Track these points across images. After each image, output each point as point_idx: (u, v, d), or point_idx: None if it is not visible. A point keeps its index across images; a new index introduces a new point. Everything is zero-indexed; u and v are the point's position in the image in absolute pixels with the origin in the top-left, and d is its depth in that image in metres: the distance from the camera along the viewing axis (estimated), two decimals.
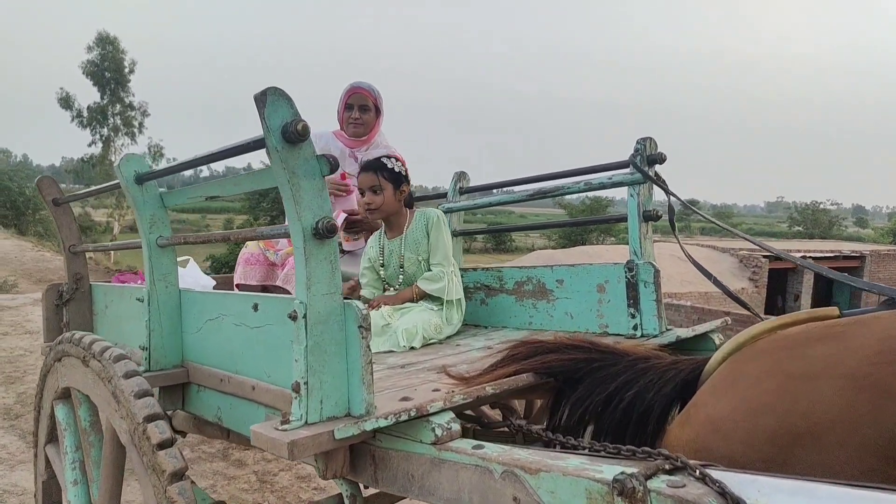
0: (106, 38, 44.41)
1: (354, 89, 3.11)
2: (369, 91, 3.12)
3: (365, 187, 2.60)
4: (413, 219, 2.68)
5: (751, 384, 1.18)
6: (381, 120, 3.20)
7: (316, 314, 1.42)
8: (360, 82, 3.13)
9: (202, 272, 3.14)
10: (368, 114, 3.12)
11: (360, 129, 3.12)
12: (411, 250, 2.61)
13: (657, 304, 2.24)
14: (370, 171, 2.60)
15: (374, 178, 2.59)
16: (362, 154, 3.17)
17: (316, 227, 1.41)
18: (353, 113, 3.09)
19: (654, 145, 2.35)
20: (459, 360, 2.06)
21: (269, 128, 1.37)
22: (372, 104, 3.13)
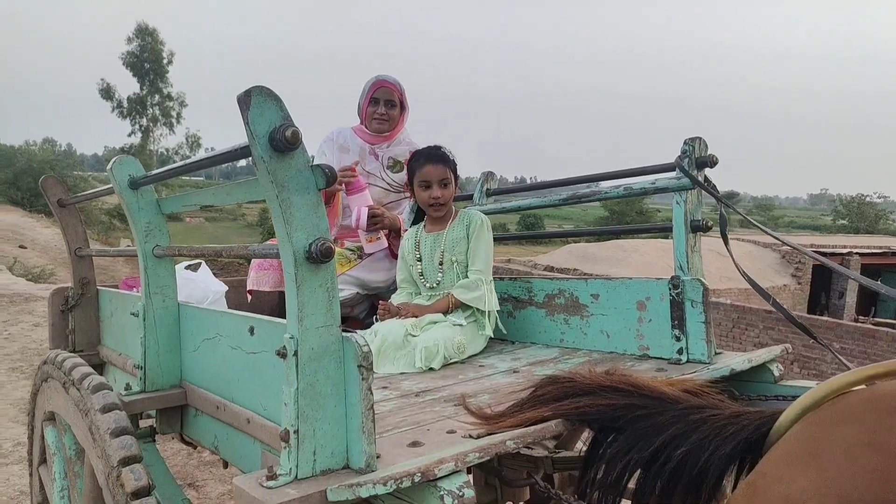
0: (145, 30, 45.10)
1: (380, 83, 2.90)
2: (395, 85, 2.91)
3: (434, 180, 2.41)
4: (456, 217, 2.48)
5: (840, 459, 0.94)
6: (405, 116, 2.99)
7: (309, 350, 1.22)
8: (385, 75, 2.92)
9: (214, 277, 2.98)
10: (394, 109, 2.92)
11: (385, 125, 2.91)
12: (448, 249, 2.42)
13: (706, 326, 1.99)
14: (440, 162, 2.42)
15: (445, 171, 2.42)
16: (383, 151, 2.96)
17: (309, 250, 1.20)
18: (379, 108, 2.89)
19: (703, 146, 2.09)
20: (481, 389, 1.85)
21: (254, 134, 1.16)
22: (398, 99, 2.92)
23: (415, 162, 2.46)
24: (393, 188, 2.94)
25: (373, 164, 2.94)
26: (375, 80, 2.90)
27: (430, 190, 2.42)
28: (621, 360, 2.12)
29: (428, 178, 2.42)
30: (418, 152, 2.49)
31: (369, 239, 2.80)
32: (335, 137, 2.99)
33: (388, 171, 2.93)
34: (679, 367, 1.97)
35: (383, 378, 2.04)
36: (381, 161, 2.93)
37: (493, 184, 2.90)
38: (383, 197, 2.93)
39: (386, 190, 2.93)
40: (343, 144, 2.97)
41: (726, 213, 2.13)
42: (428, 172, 2.42)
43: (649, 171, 2.23)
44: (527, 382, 1.89)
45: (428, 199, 2.42)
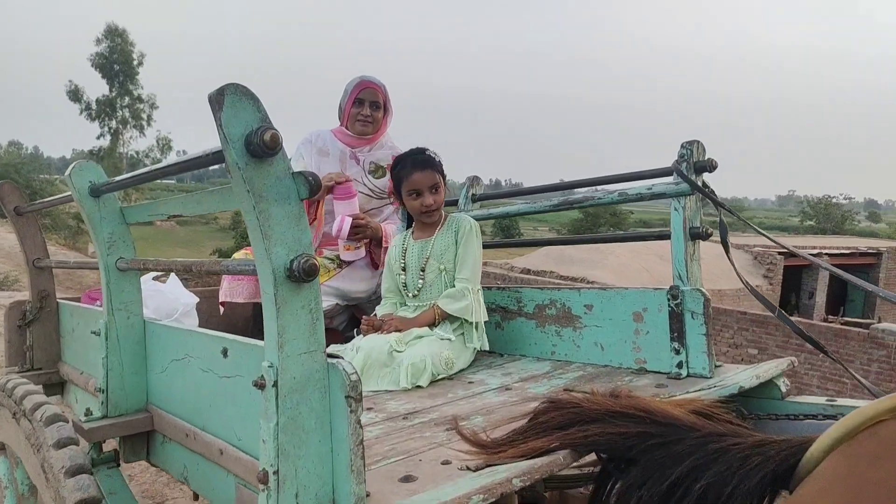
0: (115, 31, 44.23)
1: (365, 83, 2.76)
2: (380, 87, 2.78)
3: (425, 187, 2.29)
4: (445, 222, 2.36)
5: (884, 500, 0.84)
6: (389, 119, 2.86)
7: (290, 381, 1.09)
8: (369, 76, 2.78)
9: (185, 288, 2.82)
10: (379, 111, 2.79)
11: (369, 127, 2.78)
12: (436, 257, 2.30)
13: (707, 338, 1.89)
14: (428, 168, 2.30)
15: (433, 176, 2.30)
16: (365, 155, 2.83)
17: (291, 268, 1.07)
18: (364, 109, 2.75)
19: (702, 150, 2.01)
20: (473, 409, 1.73)
21: (228, 138, 1.03)
22: (382, 101, 2.79)
23: (400, 169, 2.33)
24: (375, 194, 2.81)
25: (354, 169, 2.80)
26: (360, 80, 2.77)
27: (421, 198, 2.29)
28: (617, 375, 2.02)
29: (417, 186, 2.29)
30: (402, 158, 2.36)
31: (347, 247, 2.67)
32: (314, 140, 2.85)
33: (370, 177, 2.80)
34: (679, 381, 1.88)
35: (367, 397, 1.91)
36: (363, 166, 2.80)
37: (479, 189, 2.79)
38: (365, 203, 2.80)
39: (368, 196, 2.80)
40: (322, 148, 2.83)
41: (727, 219, 2.04)
42: (417, 181, 2.29)
43: (645, 176, 2.14)
44: (521, 400, 1.79)
45: (420, 207, 2.30)
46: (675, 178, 2.00)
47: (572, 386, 1.90)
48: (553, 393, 1.85)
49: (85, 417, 1.79)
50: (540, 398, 1.80)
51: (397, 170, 2.35)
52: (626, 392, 1.41)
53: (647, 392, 1.79)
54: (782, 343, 12.26)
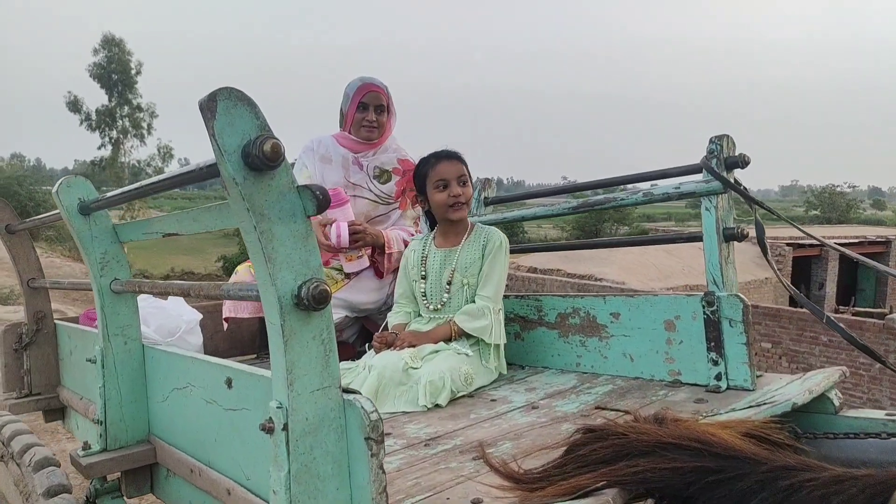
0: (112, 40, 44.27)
1: (368, 86, 2.62)
2: (383, 89, 2.64)
3: (452, 178, 2.15)
4: (472, 232, 2.22)
5: None
6: (393, 120, 2.73)
7: (302, 422, 0.96)
8: (371, 78, 2.64)
9: (187, 304, 2.70)
10: (384, 115, 2.65)
11: (374, 132, 2.64)
12: (460, 270, 2.16)
13: (747, 348, 1.76)
14: (454, 159, 2.18)
15: (461, 167, 2.17)
16: (369, 160, 2.70)
17: (299, 295, 0.95)
18: (369, 114, 2.61)
19: (731, 144, 1.87)
20: (499, 433, 1.59)
21: (223, 149, 0.90)
22: (386, 103, 2.66)
23: (424, 165, 2.20)
24: (381, 199, 2.68)
25: (358, 175, 2.67)
26: (361, 83, 2.63)
27: (448, 189, 2.14)
28: (650, 388, 1.89)
29: (444, 175, 2.15)
30: (426, 156, 2.23)
31: (349, 257, 2.53)
32: (315, 147, 2.72)
33: (375, 182, 2.67)
34: (720, 395, 1.74)
35: (385, 420, 1.78)
36: (367, 171, 2.67)
37: (491, 191, 2.65)
38: (371, 210, 2.67)
39: (373, 202, 2.67)
40: (324, 155, 2.70)
41: (761, 218, 1.91)
42: (443, 170, 2.15)
43: (671, 174, 2.00)
44: (550, 421, 1.65)
45: (447, 199, 2.14)
46: (704, 176, 1.87)
47: (604, 402, 1.77)
48: (584, 410, 1.72)
49: (83, 451, 1.67)
50: (570, 417, 1.68)
51: (421, 168, 2.21)
52: (671, 416, 1.28)
53: (686, 408, 1.66)
54: (796, 336, 12.10)
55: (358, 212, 2.66)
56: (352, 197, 2.66)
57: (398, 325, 2.25)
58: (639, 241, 2.44)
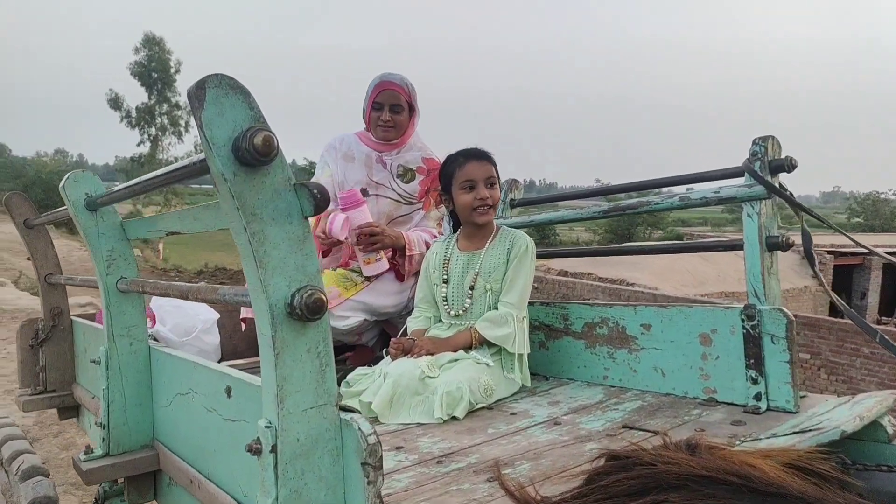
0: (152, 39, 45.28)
1: (384, 84, 2.54)
2: (402, 86, 2.54)
3: (480, 179, 2.05)
4: (497, 235, 2.11)
5: None
6: (415, 119, 2.63)
7: (293, 444, 0.88)
8: (390, 75, 2.55)
9: (205, 303, 2.65)
10: (401, 114, 2.54)
11: (392, 132, 2.54)
12: (484, 275, 2.05)
13: (791, 366, 1.62)
14: (484, 159, 2.07)
15: (490, 168, 2.07)
16: (392, 158, 2.61)
17: (292, 303, 0.86)
18: (383, 114, 2.52)
19: (777, 146, 1.74)
20: (517, 451, 1.49)
21: (211, 142, 0.82)
22: (405, 102, 2.55)
23: (451, 163, 2.10)
24: (404, 199, 2.59)
25: (381, 174, 2.59)
26: (379, 80, 2.54)
27: (475, 191, 2.04)
28: (683, 406, 1.76)
29: (472, 176, 2.04)
30: (453, 155, 2.13)
31: (367, 260, 2.41)
32: (338, 145, 2.64)
33: (399, 181, 2.59)
34: (759, 417, 1.61)
35: (397, 432, 1.69)
36: (390, 170, 2.58)
37: (518, 193, 2.54)
38: (393, 209, 2.58)
39: (396, 202, 2.58)
40: (347, 153, 2.62)
41: (808, 226, 1.77)
42: (471, 170, 2.04)
43: (710, 178, 1.87)
44: (573, 440, 1.54)
45: (473, 201, 2.04)
46: (746, 180, 1.74)
47: (632, 421, 1.65)
48: (610, 429, 1.60)
49: (84, 455, 1.61)
50: (594, 436, 1.56)
51: (448, 165, 2.11)
52: (706, 443, 1.16)
53: (722, 430, 1.53)
54: (836, 348, 11.69)
55: (380, 211, 2.57)
56: (374, 196, 2.58)
57: (417, 330, 2.16)
58: (673, 248, 2.31)
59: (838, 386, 11.63)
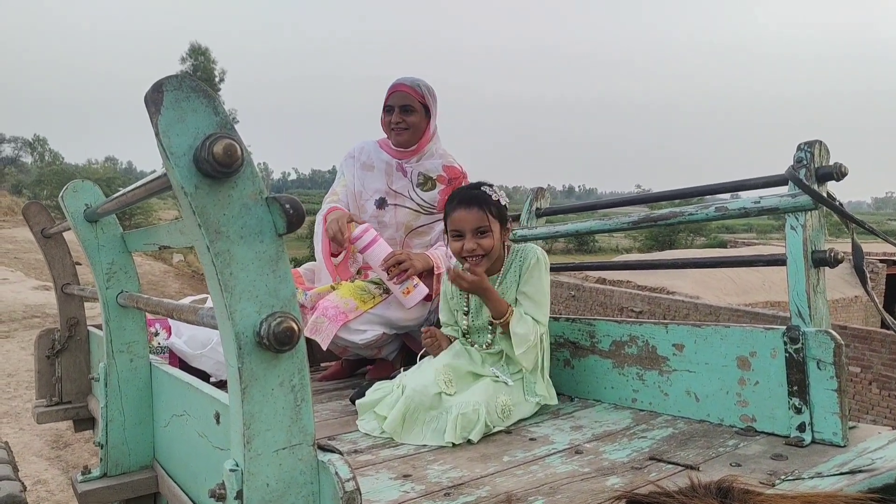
0: (198, 49, 46.48)
1: (395, 87, 2.46)
2: (413, 88, 2.45)
3: (468, 228, 1.89)
4: (510, 257, 1.98)
5: None
6: (432, 123, 2.53)
7: (262, 489, 0.78)
8: (403, 78, 2.47)
9: None
10: (413, 115, 2.45)
11: (404, 135, 2.45)
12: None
13: (839, 395, 1.47)
14: (474, 206, 1.89)
15: (481, 217, 1.88)
16: (413, 166, 2.52)
17: (259, 332, 0.76)
18: (394, 116, 2.44)
19: (825, 152, 1.59)
20: (533, 483, 1.37)
21: (169, 151, 0.73)
22: (418, 103, 2.46)
23: (448, 204, 1.97)
24: (423, 209, 2.50)
25: (401, 182, 2.50)
26: (392, 84, 2.47)
27: (462, 240, 1.90)
28: (718, 435, 1.61)
29: (459, 226, 1.90)
30: (452, 194, 2.00)
31: (405, 291, 2.29)
32: (357, 154, 2.57)
33: (418, 189, 2.49)
34: (803, 451, 1.46)
35: (406, 457, 1.59)
36: (411, 177, 2.49)
37: (545, 202, 2.42)
38: (412, 220, 2.49)
39: (415, 211, 2.49)
40: (366, 161, 2.55)
41: (857, 238, 1.61)
42: (459, 219, 1.90)
43: (751, 186, 1.73)
44: (594, 472, 1.42)
45: (460, 250, 1.91)
46: (791, 189, 1.58)
47: (660, 452, 1.51)
48: (636, 460, 1.47)
49: (81, 476, 1.55)
50: (618, 469, 1.43)
51: (447, 204, 1.99)
52: (740, 486, 1.03)
53: (760, 465, 1.39)
54: (889, 361, 11.14)
55: (399, 221, 2.49)
56: (392, 206, 2.49)
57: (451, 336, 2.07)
58: (710, 262, 2.15)
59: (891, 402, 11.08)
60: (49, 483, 4.27)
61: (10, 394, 6.14)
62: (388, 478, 1.43)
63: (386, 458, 1.57)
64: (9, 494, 1.17)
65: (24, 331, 8.66)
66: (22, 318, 9.22)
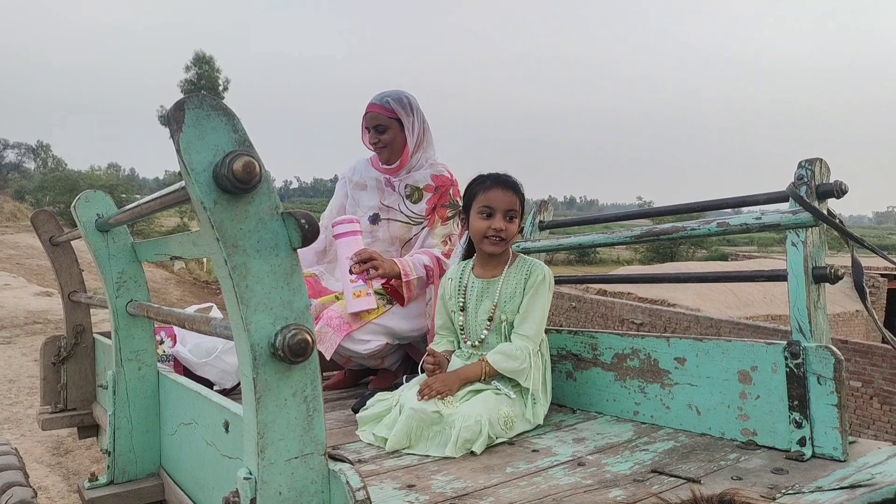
0: (202, 58, 46.68)
1: (367, 108, 2.50)
2: (381, 106, 2.46)
3: (499, 209, 1.92)
4: (515, 263, 1.99)
5: None
6: (410, 136, 2.49)
7: (275, 497, 0.80)
8: (376, 96, 2.49)
9: None
10: (387, 133, 2.46)
11: (384, 153, 2.49)
12: (501, 305, 1.94)
13: (839, 410, 1.48)
14: (510, 189, 1.93)
15: (514, 200, 1.93)
16: (401, 179, 2.54)
17: (275, 344, 0.79)
18: (371, 136, 2.49)
19: (825, 170, 1.61)
20: (536, 495, 1.38)
21: (190, 167, 0.76)
22: (389, 119, 2.45)
23: (478, 184, 1.97)
24: (413, 220, 2.52)
25: (391, 197, 2.54)
26: (367, 104, 2.51)
27: (492, 219, 1.92)
28: (719, 448, 1.63)
29: (493, 203, 1.91)
30: (484, 175, 2.00)
31: (356, 294, 2.22)
32: (350, 175, 2.64)
33: (407, 202, 2.52)
34: (803, 465, 1.47)
35: (410, 468, 1.60)
36: (399, 191, 2.53)
37: (548, 215, 2.45)
38: (405, 233, 2.52)
39: (406, 224, 2.52)
40: (359, 181, 2.60)
41: (858, 253, 1.63)
42: (494, 197, 1.91)
43: (752, 202, 1.75)
44: (596, 484, 1.43)
45: (486, 229, 1.91)
46: (791, 205, 1.61)
47: (662, 465, 1.53)
48: (638, 472, 1.48)
49: (88, 483, 1.57)
50: (621, 481, 1.45)
51: (473, 186, 1.99)
52: (741, 500, 1.05)
53: (761, 478, 1.40)
54: (890, 376, 11.14)
55: (392, 236, 2.53)
56: (385, 221, 2.53)
57: (445, 351, 2.07)
58: (712, 277, 2.17)
59: (892, 417, 11.06)
60: (49, 490, 4.28)
61: (12, 399, 6.15)
62: (393, 488, 1.44)
63: (390, 469, 1.58)
64: (21, 500, 1.19)
65: (26, 337, 8.68)
66: (23, 324, 9.24)
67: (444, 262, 2.43)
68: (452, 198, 2.52)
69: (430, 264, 2.39)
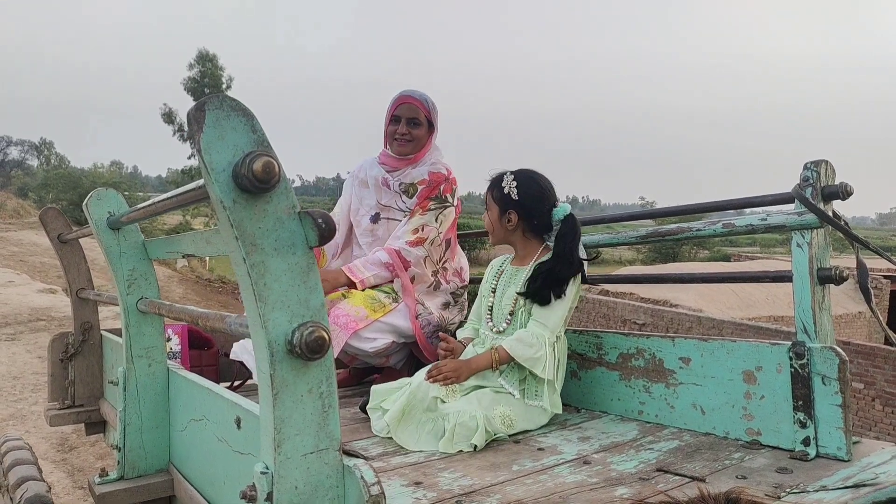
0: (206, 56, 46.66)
1: (403, 98, 2.51)
2: (422, 102, 2.51)
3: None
4: (545, 255, 2.02)
5: None
6: (433, 138, 2.58)
7: (291, 491, 0.81)
8: (411, 91, 2.53)
9: None
10: (419, 128, 2.50)
11: (408, 146, 2.51)
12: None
13: (843, 411, 1.49)
14: (490, 186, 2.10)
15: (487, 194, 2.09)
16: (397, 177, 2.55)
17: (292, 341, 0.80)
18: (401, 127, 2.49)
19: (831, 171, 1.62)
20: (543, 493, 1.40)
21: (210, 167, 0.77)
22: (423, 117, 2.51)
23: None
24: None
25: (387, 196, 2.56)
26: (399, 95, 2.53)
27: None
28: (724, 448, 1.64)
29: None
30: None
31: None
32: (357, 172, 2.66)
33: (404, 197, 2.55)
34: (807, 465, 1.49)
35: (417, 465, 1.62)
36: (394, 189, 2.55)
37: None
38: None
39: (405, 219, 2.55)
40: (364, 179, 2.62)
41: (862, 256, 1.65)
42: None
43: (757, 203, 1.77)
44: (602, 482, 1.45)
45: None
46: (797, 207, 1.62)
47: (667, 463, 1.54)
48: (643, 471, 1.50)
49: (99, 479, 1.59)
50: (626, 479, 1.46)
51: None
52: (747, 497, 1.06)
53: (766, 478, 1.42)
54: (892, 377, 11.13)
55: (392, 234, 2.54)
56: (385, 220, 2.55)
57: (465, 338, 2.10)
58: (717, 277, 2.19)
59: (894, 419, 11.06)
60: (55, 486, 4.29)
61: (16, 396, 6.17)
62: (400, 485, 1.46)
63: (397, 466, 1.60)
64: (36, 494, 1.21)
65: (30, 333, 8.71)
66: (28, 321, 9.27)
67: (405, 253, 2.42)
68: (442, 193, 2.52)
69: (389, 260, 2.39)
